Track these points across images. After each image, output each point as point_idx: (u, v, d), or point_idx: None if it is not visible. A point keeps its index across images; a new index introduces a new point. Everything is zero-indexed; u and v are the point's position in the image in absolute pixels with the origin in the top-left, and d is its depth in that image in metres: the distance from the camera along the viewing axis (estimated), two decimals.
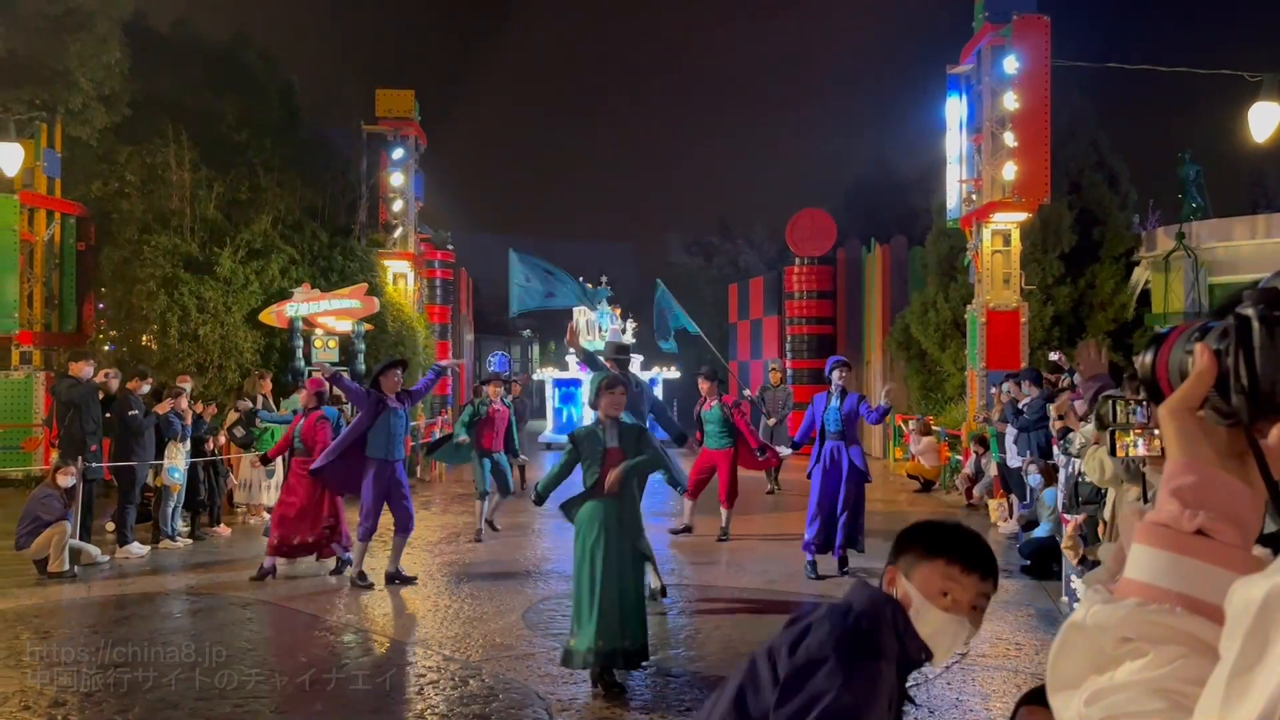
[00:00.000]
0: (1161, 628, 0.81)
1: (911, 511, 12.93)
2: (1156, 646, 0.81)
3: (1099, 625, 0.85)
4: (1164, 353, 0.96)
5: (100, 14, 16.38)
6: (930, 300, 18.45)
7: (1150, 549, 0.86)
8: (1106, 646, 0.84)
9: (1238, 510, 0.85)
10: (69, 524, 8.95)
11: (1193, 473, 0.86)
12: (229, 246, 17.22)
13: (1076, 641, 0.87)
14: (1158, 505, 0.88)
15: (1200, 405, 0.88)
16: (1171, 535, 0.85)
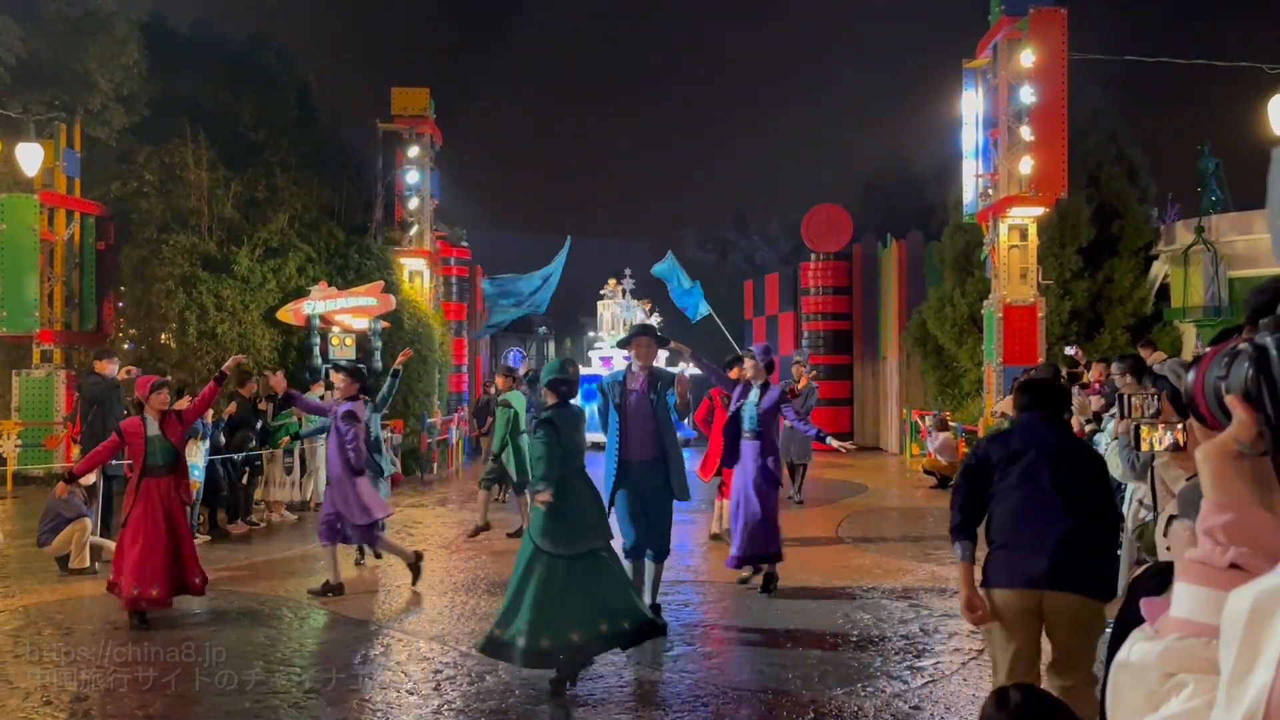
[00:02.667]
0: (1199, 660, 0.84)
1: (928, 508, 12.89)
2: (1196, 677, 0.84)
3: (1143, 663, 0.88)
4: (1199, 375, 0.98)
5: (119, 15, 16.49)
6: (947, 295, 18.37)
7: (1189, 586, 0.89)
8: (1153, 683, 0.87)
9: (1269, 543, 0.88)
10: (90, 521, 9.03)
11: (1227, 511, 0.89)
12: (246, 245, 17.32)
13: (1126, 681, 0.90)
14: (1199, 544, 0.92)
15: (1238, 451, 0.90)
16: (1207, 571, 0.88)
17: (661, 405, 6.55)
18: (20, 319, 16.32)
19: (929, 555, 9.43)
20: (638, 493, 6.61)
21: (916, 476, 15.95)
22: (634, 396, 6.59)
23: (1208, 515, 0.90)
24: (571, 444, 5.73)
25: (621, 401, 6.59)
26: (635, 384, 6.62)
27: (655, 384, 6.61)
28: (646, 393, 6.57)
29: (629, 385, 6.63)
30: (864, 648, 6.28)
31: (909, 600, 7.56)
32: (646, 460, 6.59)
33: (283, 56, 21.24)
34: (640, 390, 6.60)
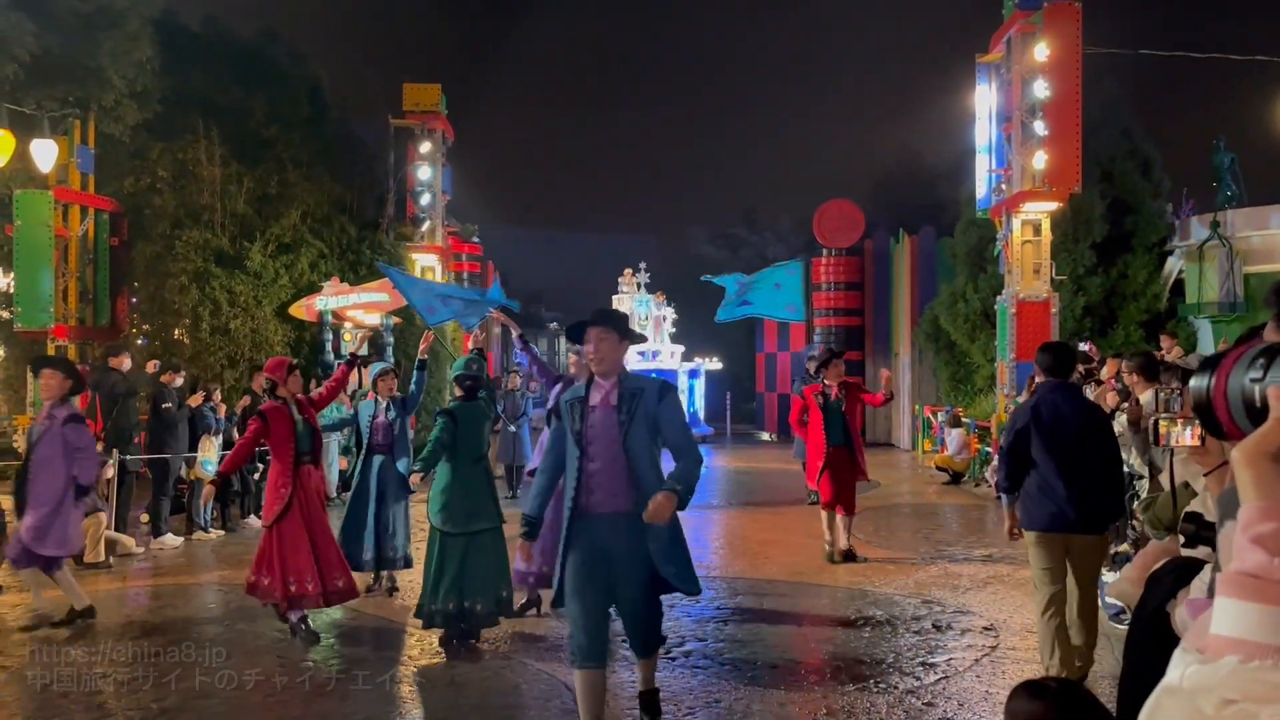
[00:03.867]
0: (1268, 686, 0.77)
1: (940, 504, 12.86)
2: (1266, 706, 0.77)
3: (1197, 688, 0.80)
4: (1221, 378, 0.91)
5: (131, 12, 16.53)
6: (959, 291, 18.30)
7: (1239, 602, 0.81)
8: (1206, 709, 0.80)
9: None
10: (105, 515, 9.08)
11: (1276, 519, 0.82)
12: (259, 241, 17.38)
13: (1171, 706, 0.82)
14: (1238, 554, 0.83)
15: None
16: (1260, 585, 0.81)
17: (637, 432, 4.38)
18: (35, 315, 16.41)
19: (941, 552, 9.40)
20: (600, 563, 4.37)
21: (929, 473, 15.91)
22: (595, 416, 4.43)
23: (1254, 522, 0.83)
24: (469, 436, 6.37)
25: (582, 427, 4.43)
26: (597, 399, 4.45)
27: (626, 399, 4.42)
28: (614, 412, 4.40)
29: (590, 402, 4.46)
30: (876, 644, 6.26)
31: (921, 596, 7.54)
32: (616, 516, 4.38)
33: (294, 53, 21.29)
34: (604, 407, 4.43)
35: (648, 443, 4.44)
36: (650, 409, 4.41)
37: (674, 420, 4.52)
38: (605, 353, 4.46)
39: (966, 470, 14.91)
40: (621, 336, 4.54)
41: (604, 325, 4.49)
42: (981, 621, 6.81)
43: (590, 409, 4.45)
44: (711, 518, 12.11)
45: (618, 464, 4.39)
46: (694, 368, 23.27)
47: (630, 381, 4.51)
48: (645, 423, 4.41)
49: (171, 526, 10.26)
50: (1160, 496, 4.95)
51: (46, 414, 6.77)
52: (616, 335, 4.51)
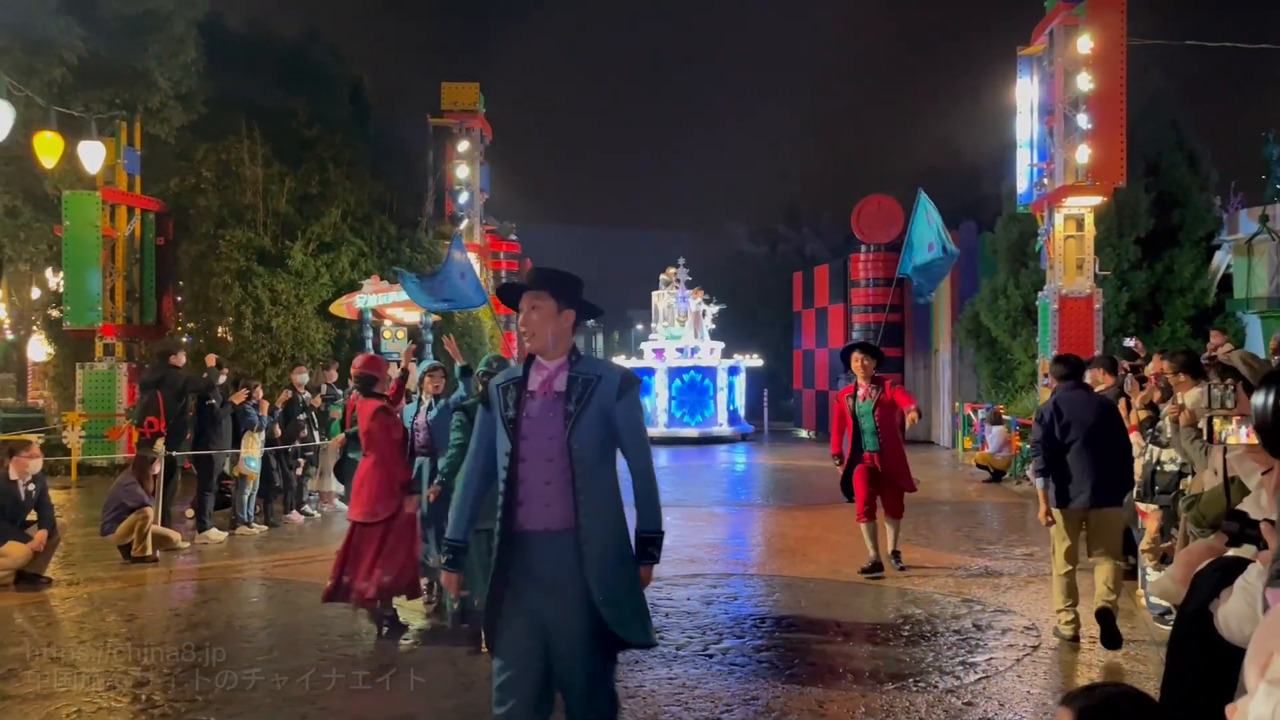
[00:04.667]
0: None
1: (981, 503, 12.73)
2: None
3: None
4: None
5: (177, 15, 16.80)
6: (1000, 287, 18.10)
7: None
8: None
9: None
10: (152, 510, 9.24)
11: None
12: (300, 240, 17.59)
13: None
14: None
15: None
16: None
17: (587, 427, 3.38)
18: (84, 313, 16.76)
19: (982, 550, 9.31)
20: (528, 601, 3.35)
21: (969, 471, 15.75)
22: (534, 405, 3.42)
23: None
24: None
25: (516, 416, 3.41)
26: (538, 382, 3.46)
27: (578, 386, 3.43)
28: (559, 401, 3.41)
29: (529, 386, 3.46)
30: (915, 643, 6.21)
31: (961, 595, 7.47)
32: (550, 536, 3.37)
33: (335, 53, 21.54)
34: (546, 394, 3.43)
35: (599, 443, 3.41)
36: (606, 403, 3.41)
37: (634, 424, 3.49)
38: (536, 325, 3.44)
39: (1007, 468, 14.74)
40: (563, 305, 3.46)
41: (537, 289, 3.46)
42: (1023, 621, 6.73)
43: (528, 395, 3.43)
44: (750, 515, 12.08)
45: (555, 467, 3.34)
46: (734, 364, 23.12)
47: (585, 366, 3.48)
48: (599, 419, 3.40)
49: (216, 521, 10.42)
50: (1205, 494, 4.93)
51: None
52: (553, 303, 3.44)
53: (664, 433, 21.57)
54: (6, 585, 7.84)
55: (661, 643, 6.25)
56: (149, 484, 9.40)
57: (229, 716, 4.95)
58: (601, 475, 3.42)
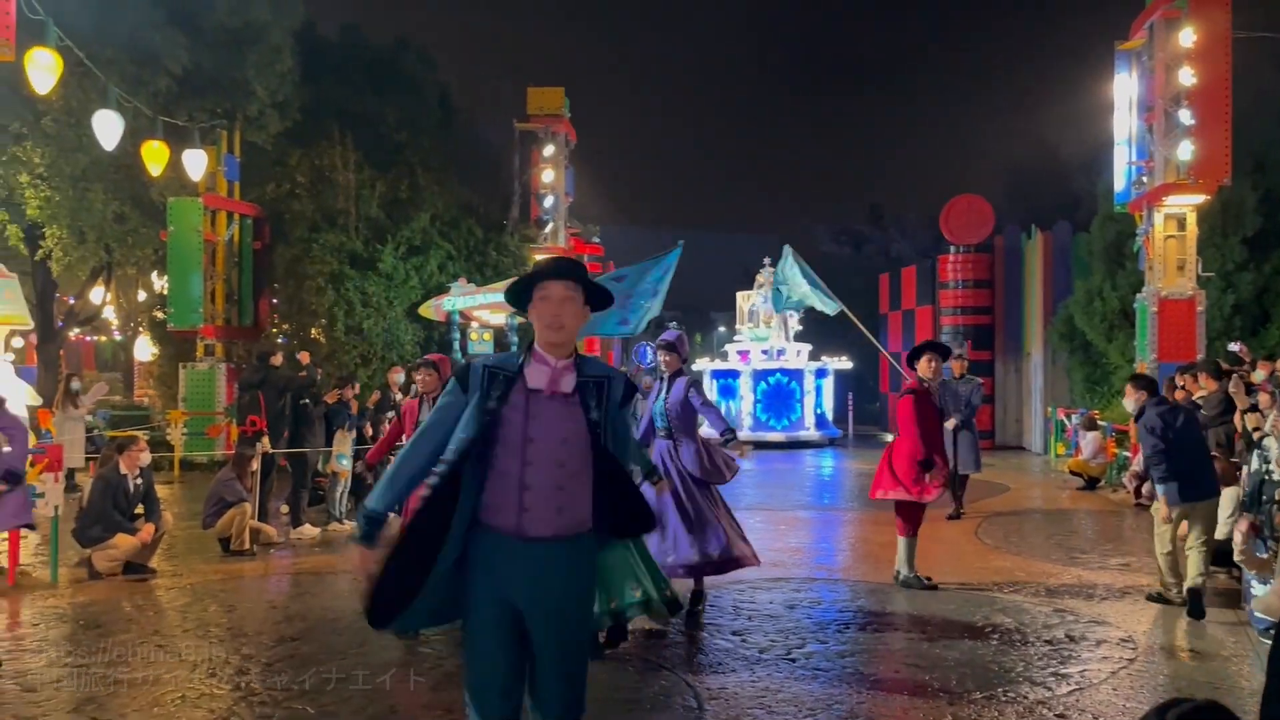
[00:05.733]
0: None
1: (1074, 510, 12.38)
2: None
3: None
4: None
5: (274, 25, 17.35)
6: (1096, 289, 17.59)
7: None
8: None
9: None
10: (250, 505, 9.56)
11: None
12: (390, 243, 18.00)
13: None
14: None
15: None
16: None
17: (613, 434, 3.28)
18: (186, 315, 17.41)
19: (1075, 559, 9.06)
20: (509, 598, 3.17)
21: (1062, 478, 15.33)
22: (543, 406, 3.18)
23: None
24: None
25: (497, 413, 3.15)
26: (542, 381, 3.19)
27: (591, 389, 3.23)
28: (576, 406, 3.21)
29: (530, 383, 3.19)
30: (1005, 652, 6.08)
31: (1053, 605, 7.28)
32: (558, 542, 3.17)
33: (424, 60, 21.99)
34: (556, 398, 3.20)
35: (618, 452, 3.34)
36: (612, 409, 3.27)
37: (629, 431, 3.40)
38: (569, 318, 3.25)
39: (1103, 475, 14.31)
40: (586, 301, 3.28)
41: (573, 280, 3.25)
42: (1118, 633, 6.53)
43: (530, 393, 3.17)
44: (834, 520, 11.97)
45: (566, 471, 3.16)
46: (821, 367, 22.63)
47: (589, 367, 3.29)
48: (614, 423, 3.30)
49: (309, 518, 10.72)
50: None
51: None
52: (582, 297, 3.27)
53: (748, 436, 21.33)
54: (115, 575, 8.20)
55: (744, 646, 6.24)
56: (247, 480, 9.73)
57: (322, 707, 5.10)
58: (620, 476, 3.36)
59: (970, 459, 11.54)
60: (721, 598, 7.50)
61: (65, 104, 15.42)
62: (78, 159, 16.35)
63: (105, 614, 7.08)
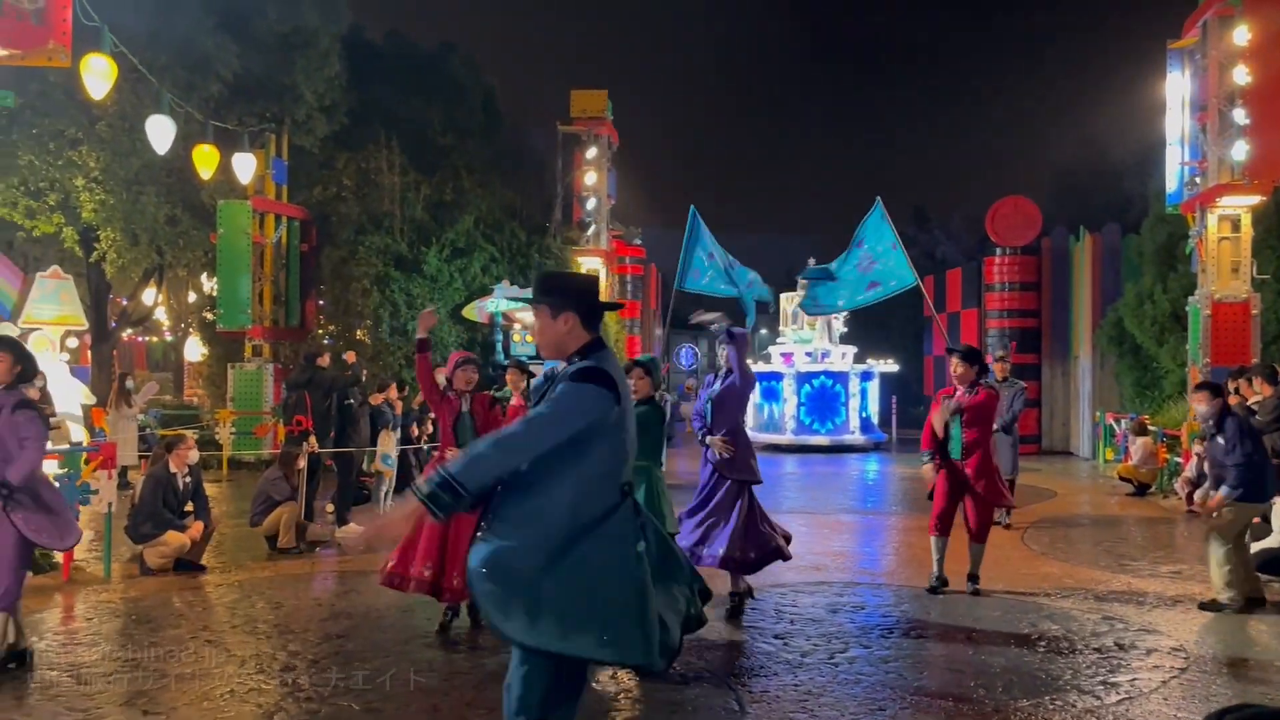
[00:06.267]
0: None
1: (1123, 516, 12.17)
2: None
3: None
4: None
5: (323, 30, 17.60)
6: (1146, 291, 17.28)
7: None
8: None
9: None
10: (297, 504, 9.69)
11: None
12: (435, 245, 18.16)
13: None
14: None
15: None
16: None
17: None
18: (235, 316, 17.70)
19: (1124, 566, 8.90)
20: None
21: (1110, 483, 15.08)
22: None
23: None
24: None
25: None
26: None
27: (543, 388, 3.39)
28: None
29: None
30: (1052, 659, 5.99)
31: (1102, 612, 7.16)
32: None
33: (469, 64, 22.18)
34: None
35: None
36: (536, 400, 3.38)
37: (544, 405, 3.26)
38: (537, 333, 3.52)
39: (1153, 481, 14.05)
40: (556, 309, 3.38)
41: (533, 300, 3.48)
42: (1169, 642, 6.41)
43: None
44: (877, 524, 11.87)
45: None
46: (867, 369, 22.29)
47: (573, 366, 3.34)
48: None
49: (354, 516, 10.84)
50: None
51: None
52: (546, 309, 3.40)
53: (792, 440, 21.20)
54: (166, 571, 8.36)
55: (785, 649, 6.21)
56: (294, 479, 9.86)
57: (368, 704, 5.15)
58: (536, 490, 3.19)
59: (1008, 463, 11.28)
60: (763, 601, 7.47)
61: (119, 109, 15.75)
62: (131, 163, 16.68)
63: (156, 609, 7.22)
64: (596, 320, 3.45)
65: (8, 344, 5.72)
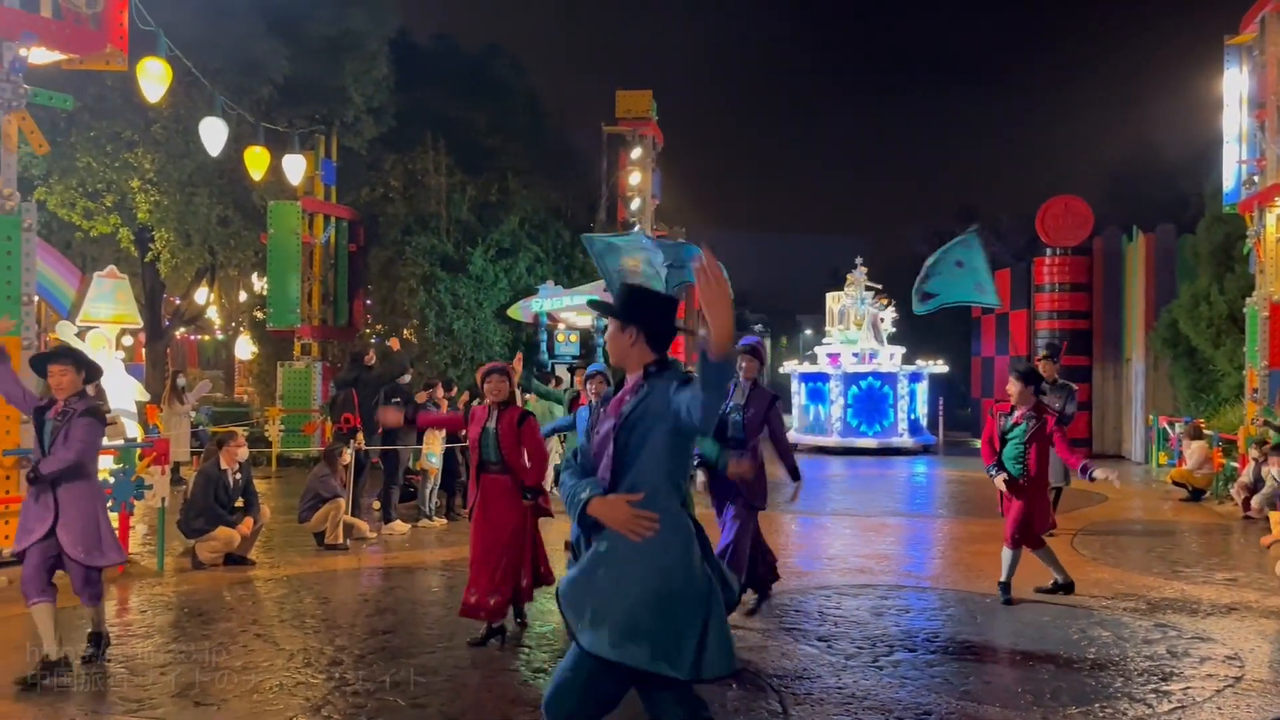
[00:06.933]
0: None
1: (1177, 522, 11.93)
2: None
3: None
4: None
5: (371, 34, 17.81)
6: (1202, 292, 16.92)
7: None
8: None
9: None
10: (344, 501, 9.81)
11: None
12: (480, 246, 18.30)
13: None
14: None
15: None
16: None
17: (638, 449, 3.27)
18: (284, 315, 17.96)
19: (1178, 573, 8.72)
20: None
21: (1164, 488, 14.78)
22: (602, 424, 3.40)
23: None
24: None
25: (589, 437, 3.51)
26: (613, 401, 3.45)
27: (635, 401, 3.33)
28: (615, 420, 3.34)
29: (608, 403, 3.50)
30: (1102, 667, 5.89)
31: (1154, 620, 7.02)
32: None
33: (514, 66, 22.32)
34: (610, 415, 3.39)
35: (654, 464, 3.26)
36: (659, 407, 3.26)
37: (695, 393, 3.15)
38: (607, 343, 3.53)
39: (1208, 486, 13.75)
40: (625, 324, 3.39)
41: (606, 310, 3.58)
42: (1224, 650, 6.27)
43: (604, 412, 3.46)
44: (924, 527, 11.75)
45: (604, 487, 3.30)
46: (915, 370, 21.92)
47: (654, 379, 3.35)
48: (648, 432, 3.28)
49: (400, 514, 10.96)
50: None
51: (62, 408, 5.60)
52: (616, 322, 3.43)
53: (839, 442, 20.99)
54: (217, 565, 8.51)
55: (829, 652, 6.17)
56: (341, 476, 9.98)
57: (413, 699, 5.20)
58: (654, 502, 3.19)
59: (1060, 470, 11.03)
60: (807, 603, 7.43)
61: (174, 111, 16.06)
62: (185, 164, 17.00)
63: (207, 603, 7.35)
64: (665, 342, 3.41)
65: (68, 355, 5.82)
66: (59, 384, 5.59)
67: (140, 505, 8.77)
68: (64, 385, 5.59)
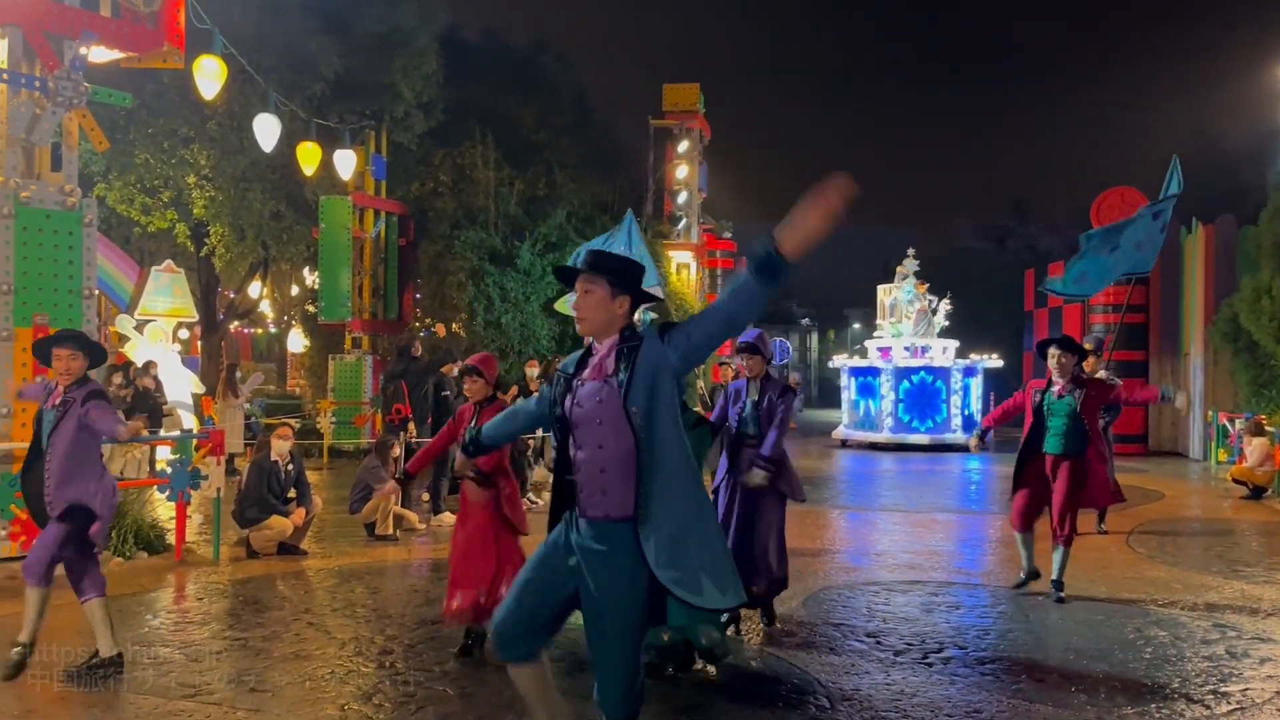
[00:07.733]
0: None
1: (1237, 520, 11.66)
2: None
3: None
4: None
5: (420, 30, 17.96)
6: (1264, 286, 16.49)
7: None
8: None
9: None
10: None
11: None
12: (528, 240, 18.40)
13: None
14: None
15: None
16: None
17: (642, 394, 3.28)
18: (335, 309, 18.20)
19: (1238, 572, 8.52)
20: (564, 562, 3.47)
21: (1223, 486, 14.45)
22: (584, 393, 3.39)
23: None
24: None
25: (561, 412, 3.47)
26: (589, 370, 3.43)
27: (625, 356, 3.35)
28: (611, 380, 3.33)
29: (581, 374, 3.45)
30: (1159, 667, 5.78)
31: (1213, 620, 6.87)
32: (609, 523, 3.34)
33: (562, 61, 22.39)
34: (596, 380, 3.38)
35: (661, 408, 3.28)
36: (655, 356, 3.31)
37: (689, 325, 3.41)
38: (588, 309, 3.42)
39: (1269, 484, 13.42)
40: (617, 291, 3.39)
41: (591, 273, 3.42)
42: None
43: (579, 383, 3.40)
44: (975, 523, 11.61)
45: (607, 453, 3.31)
46: (970, 365, 21.45)
47: (634, 337, 3.38)
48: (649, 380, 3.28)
49: (448, 506, 11.05)
50: None
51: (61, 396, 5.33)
52: (607, 288, 3.39)
53: (890, 438, 20.65)
54: (270, 554, 8.65)
55: (878, 648, 6.12)
56: (391, 468, 10.10)
57: (462, 690, 5.25)
58: (669, 449, 3.29)
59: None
60: (855, 599, 7.38)
61: (228, 108, 16.33)
62: (239, 160, 17.29)
63: (261, 591, 7.48)
64: (637, 307, 3.52)
65: (76, 338, 5.52)
66: (68, 369, 5.28)
67: (196, 495, 8.94)
68: (73, 370, 5.28)
